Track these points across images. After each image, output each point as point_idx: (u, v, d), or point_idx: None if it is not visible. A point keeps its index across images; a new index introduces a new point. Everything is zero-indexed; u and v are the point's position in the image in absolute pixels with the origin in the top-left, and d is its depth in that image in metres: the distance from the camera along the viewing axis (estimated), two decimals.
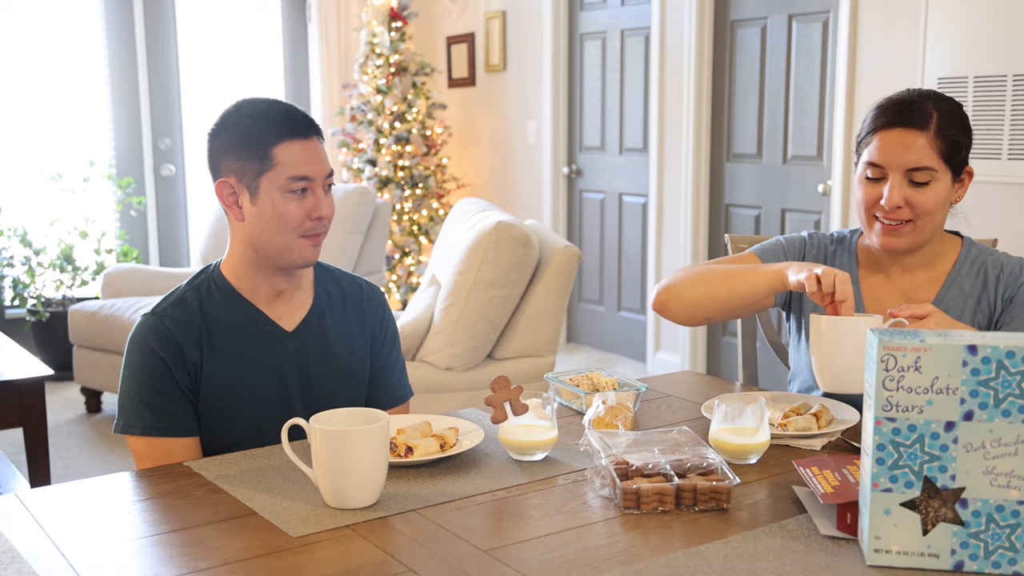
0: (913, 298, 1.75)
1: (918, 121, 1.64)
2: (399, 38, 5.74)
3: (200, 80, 5.83)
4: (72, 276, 5.06)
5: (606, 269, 5.47)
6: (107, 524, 1.25)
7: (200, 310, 1.61)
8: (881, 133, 1.66)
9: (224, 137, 1.60)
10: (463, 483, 1.37)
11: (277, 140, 1.56)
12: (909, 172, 1.64)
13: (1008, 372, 1.06)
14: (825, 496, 1.19)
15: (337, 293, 1.73)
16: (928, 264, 1.76)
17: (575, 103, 5.54)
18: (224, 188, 1.60)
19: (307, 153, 1.58)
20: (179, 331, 1.59)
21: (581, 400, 1.71)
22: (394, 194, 5.71)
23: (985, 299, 1.73)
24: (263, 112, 1.58)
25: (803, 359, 1.87)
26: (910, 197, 1.65)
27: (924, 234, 1.69)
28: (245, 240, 1.62)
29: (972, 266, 1.75)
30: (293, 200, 1.57)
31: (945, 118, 1.65)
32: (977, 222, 3.52)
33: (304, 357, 1.66)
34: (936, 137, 1.63)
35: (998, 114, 3.44)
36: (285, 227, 1.58)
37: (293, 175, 1.56)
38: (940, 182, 1.66)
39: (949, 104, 1.67)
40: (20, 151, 5.32)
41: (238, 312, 1.63)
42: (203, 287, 1.64)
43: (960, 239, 1.79)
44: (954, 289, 1.74)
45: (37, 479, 2.92)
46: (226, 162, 1.59)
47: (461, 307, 3.18)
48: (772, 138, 4.45)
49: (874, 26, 3.86)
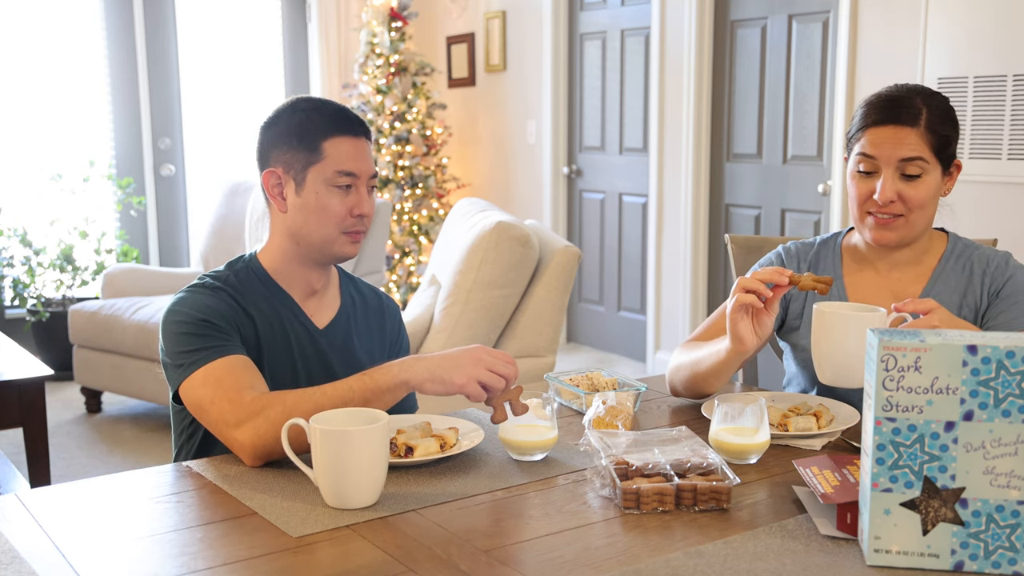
0: (900, 295, 1.76)
1: (908, 117, 1.65)
2: (399, 38, 5.75)
3: (200, 80, 5.83)
4: (72, 276, 5.06)
5: (606, 269, 5.47)
6: (107, 524, 1.25)
7: (242, 291, 1.62)
8: (872, 130, 1.68)
9: (277, 129, 1.63)
10: (463, 483, 1.37)
11: (328, 134, 1.60)
12: (901, 165, 1.66)
13: (1008, 372, 1.06)
14: (825, 496, 1.19)
15: (360, 300, 1.77)
16: (916, 260, 1.77)
17: (575, 103, 5.54)
18: (271, 178, 1.63)
19: (356, 150, 1.61)
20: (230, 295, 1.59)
21: (581, 400, 1.71)
22: (394, 194, 5.71)
23: (971, 293, 1.73)
24: (317, 107, 1.63)
25: (794, 364, 1.90)
26: (902, 191, 1.67)
27: (916, 228, 1.71)
28: (286, 231, 1.64)
29: (958, 261, 1.76)
30: (337, 195, 1.60)
31: (934, 113, 1.67)
32: (977, 222, 3.53)
33: (330, 355, 1.67)
34: (926, 132, 1.65)
35: (998, 114, 3.44)
36: (327, 220, 1.60)
37: (340, 169, 1.59)
38: (931, 175, 1.67)
39: (937, 99, 1.69)
40: (20, 151, 5.32)
41: (276, 301, 1.64)
42: (242, 274, 1.65)
43: (946, 235, 1.80)
44: (940, 284, 1.75)
45: (37, 479, 2.92)
46: (276, 153, 1.62)
47: (461, 307, 3.18)
48: (772, 138, 4.45)
49: (874, 26, 3.86)
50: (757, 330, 1.56)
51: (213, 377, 1.48)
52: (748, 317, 1.56)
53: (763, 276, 1.54)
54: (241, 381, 1.47)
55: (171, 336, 1.55)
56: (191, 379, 1.50)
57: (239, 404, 1.44)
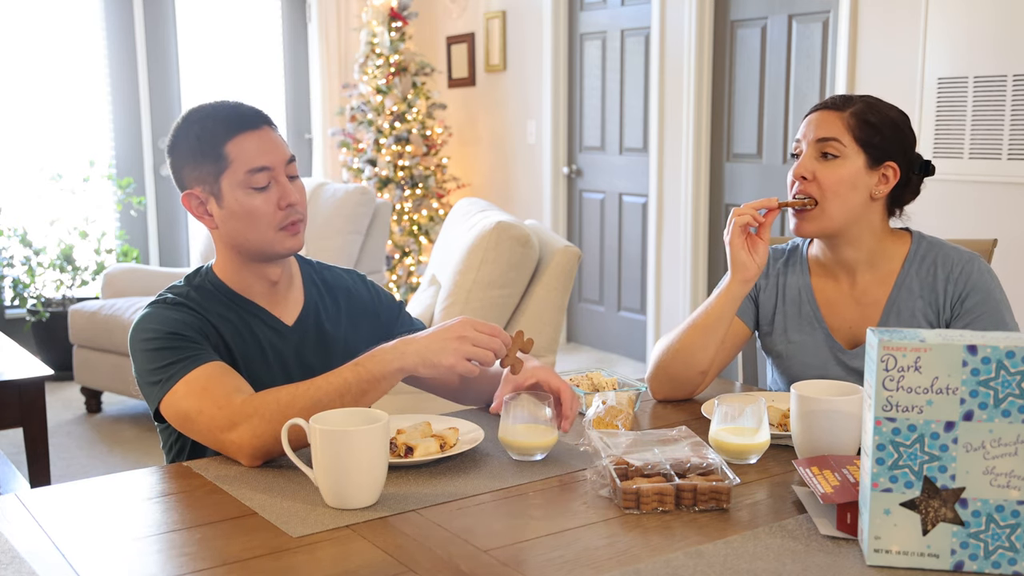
0: (863, 300, 1.76)
1: (837, 104, 1.72)
2: (399, 38, 5.74)
3: (200, 80, 5.83)
4: (72, 276, 5.06)
5: (606, 269, 5.47)
6: (107, 524, 1.25)
7: (204, 304, 1.60)
8: (806, 118, 1.76)
9: (179, 149, 1.59)
10: (463, 483, 1.37)
11: (227, 137, 1.54)
12: (820, 143, 1.70)
13: (1008, 372, 1.06)
14: (825, 496, 1.19)
15: (323, 286, 1.74)
16: (871, 264, 1.76)
17: (575, 103, 5.54)
18: (191, 200, 1.59)
19: (260, 143, 1.56)
20: (192, 309, 1.57)
21: (581, 400, 1.71)
22: (394, 194, 5.71)
23: (934, 298, 1.72)
24: (209, 114, 1.57)
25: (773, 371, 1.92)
26: (817, 170, 1.70)
27: (833, 218, 1.71)
28: (226, 245, 1.61)
29: (922, 263, 1.74)
30: (258, 195, 1.55)
31: (868, 107, 1.71)
32: (977, 222, 3.53)
33: (304, 350, 1.66)
34: (850, 117, 1.70)
35: (998, 114, 3.44)
36: (257, 224, 1.56)
37: (250, 168, 1.54)
38: (849, 160, 1.69)
39: (881, 101, 1.73)
40: (20, 151, 5.32)
41: (240, 310, 1.62)
42: (203, 288, 1.63)
43: (910, 235, 1.79)
44: (904, 290, 1.74)
45: (37, 479, 2.92)
46: (186, 172, 1.58)
47: (461, 307, 3.18)
48: (772, 138, 4.45)
49: (874, 26, 3.86)
50: (756, 258, 1.68)
51: (196, 387, 1.45)
52: (745, 247, 1.67)
53: (755, 204, 1.68)
54: (226, 386, 1.46)
55: (142, 355, 1.52)
56: (172, 393, 1.47)
57: (230, 408, 1.42)
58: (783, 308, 1.83)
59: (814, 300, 1.80)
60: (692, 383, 1.75)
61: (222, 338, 1.59)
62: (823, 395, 1.41)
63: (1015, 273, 3.29)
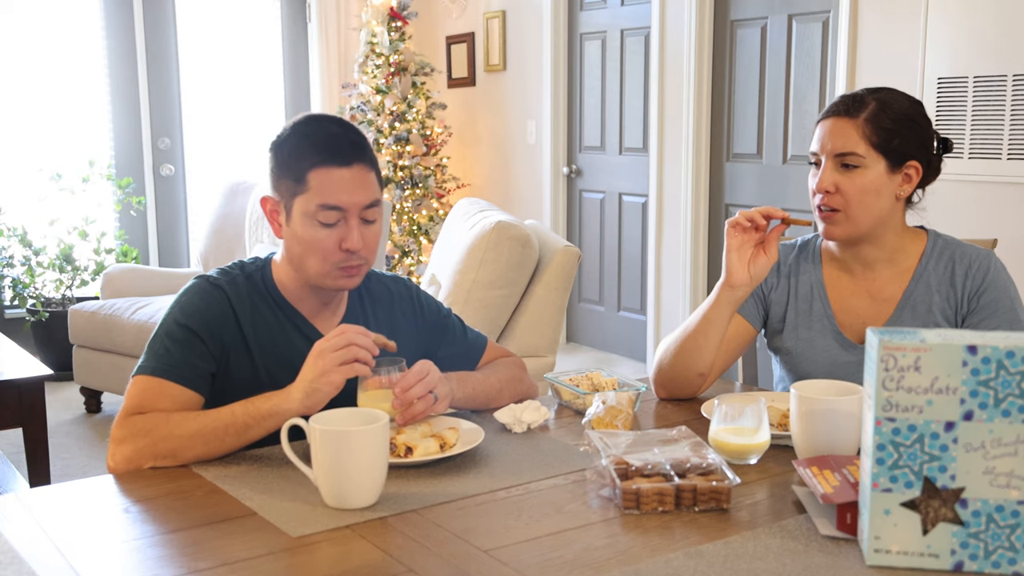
0: (878, 295, 1.76)
1: (850, 110, 1.69)
2: (399, 38, 5.74)
3: (200, 80, 5.83)
4: (72, 276, 5.06)
5: (606, 269, 5.47)
6: (107, 524, 1.25)
7: (241, 295, 1.59)
8: (820, 124, 1.73)
9: (277, 152, 1.58)
10: (463, 483, 1.37)
11: (314, 164, 1.52)
12: (839, 157, 1.68)
13: (1008, 372, 1.06)
14: (825, 496, 1.19)
15: (368, 296, 1.72)
16: (890, 259, 1.76)
17: (575, 103, 5.54)
18: (267, 203, 1.60)
19: (344, 181, 1.52)
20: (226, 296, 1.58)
21: (581, 400, 1.71)
22: (394, 194, 5.70)
23: (952, 294, 1.72)
24: (310, 133, 1.55)
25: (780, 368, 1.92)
26: (840, 182, 1.68)
27: (860, 223, 1.70)
28: (287, 256, 1.61)
29: (939, 260, 1.75)
30: (322, 229, 1.53)
31: (881, 109, 1.68)
32: (977, 222, 3.53)
33: None
34: (865, 124, 1.67)
35: (998, 114, 3.44)
36: (315, 254, 1.54)
37: (323, 203, 1.51)
38: (870, 169, 1.68)
39: (892, 95, 1.70)
40: (20, 151, 5.32)
41: (281, 315, 1.61)
42: (253, 280, 1.62)
43: (925, 233, 1.79)
44: (921, 285, 1.74)
45: (37, 479, 2.92)
46: (273, 178, 1.59)
47: (461, 307, 3.18)
48: (772, 138, 4.45)
49: (874, 26, 3.86)
50: (751, 268, 1.66)
51: (139, 388, 1.51)
52: (743, 258, 1.65)
53: (762, 211, 1.64)
54: (154, 406, 1.50)
55: (160, 326, 1.57)
56: (135, 377, 1.53)
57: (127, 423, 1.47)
58: (795, 305, 1.83)
59: (825, 296, 1.80)
60: (693, 384, 1.75)
61: (243, 336, 1.58)
62: (823, 395, 1.41)
63: (1015, 273, 3.28)
